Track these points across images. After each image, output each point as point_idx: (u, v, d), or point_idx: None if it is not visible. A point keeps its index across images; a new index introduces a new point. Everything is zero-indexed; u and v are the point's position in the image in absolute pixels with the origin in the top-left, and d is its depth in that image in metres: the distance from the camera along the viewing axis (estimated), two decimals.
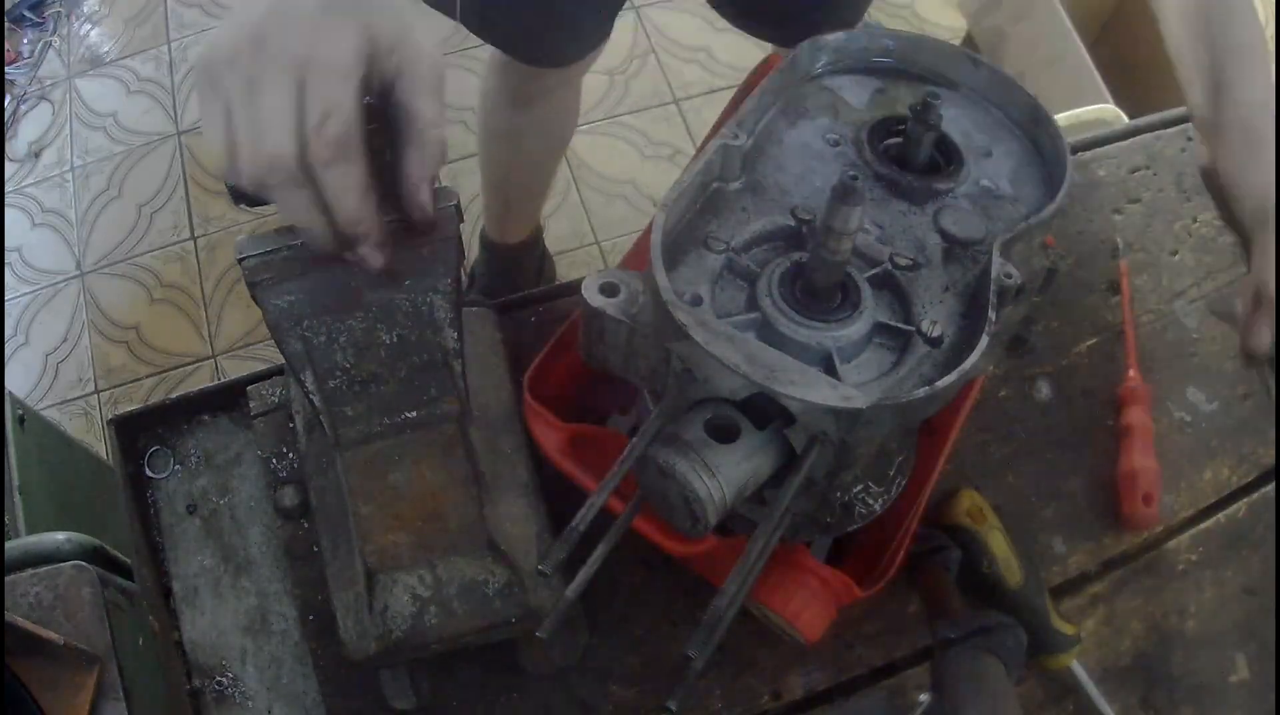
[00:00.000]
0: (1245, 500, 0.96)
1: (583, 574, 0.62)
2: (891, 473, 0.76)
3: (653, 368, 0.67)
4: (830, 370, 0.65)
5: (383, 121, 0.60)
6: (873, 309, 0.67)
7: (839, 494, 0.74)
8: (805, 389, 0.59)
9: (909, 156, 0.76)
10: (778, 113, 0.78)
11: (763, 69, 0.88)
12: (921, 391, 0.61)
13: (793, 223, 0.72)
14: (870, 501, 0.75)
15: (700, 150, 0.88)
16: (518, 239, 1.93)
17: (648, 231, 0.86)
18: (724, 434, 0.61)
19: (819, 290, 0.66)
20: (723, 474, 0.60)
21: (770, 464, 0.63)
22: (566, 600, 0.61)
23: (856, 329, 0.66)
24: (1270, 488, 0.97)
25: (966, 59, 0.80)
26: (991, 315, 0.65)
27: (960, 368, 0.62)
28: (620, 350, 0.68)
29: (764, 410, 0.62)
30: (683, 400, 0.64)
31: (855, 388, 0.61)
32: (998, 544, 0.86)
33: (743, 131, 0.73)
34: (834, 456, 0.64)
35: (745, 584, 0.60)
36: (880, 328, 0.67)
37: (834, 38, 0.80)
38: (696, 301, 0.67)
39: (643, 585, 0.88)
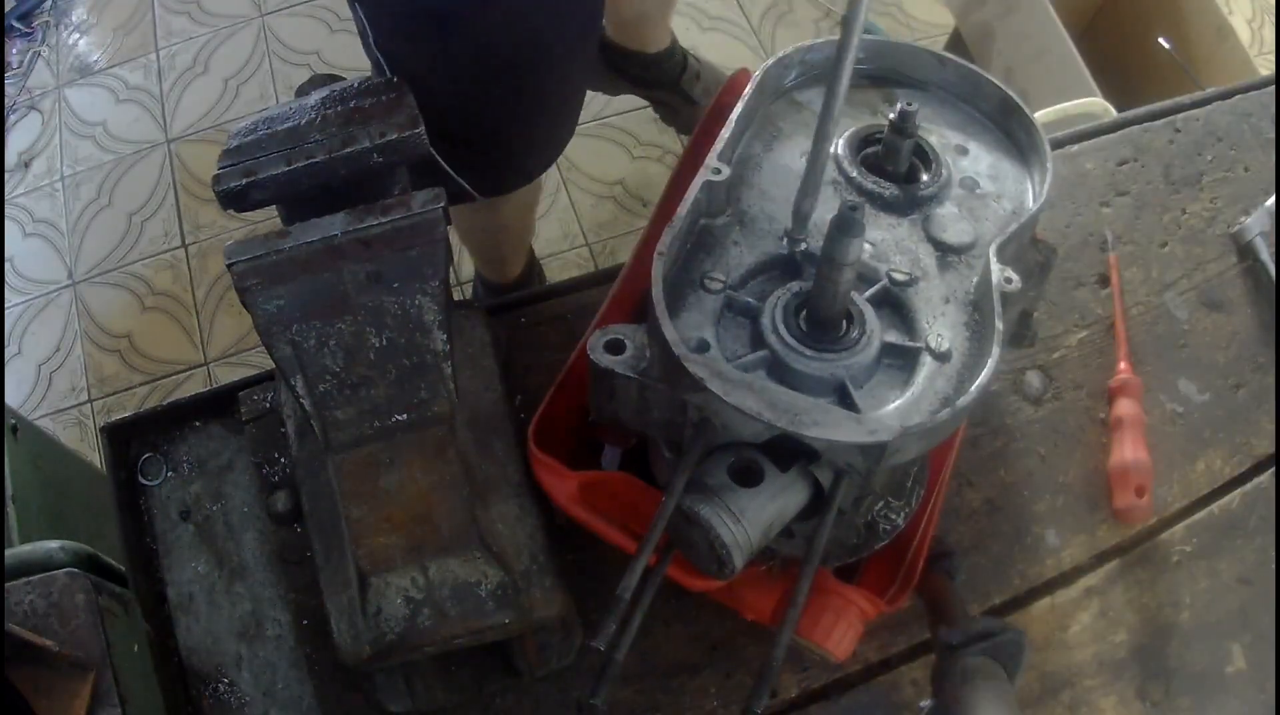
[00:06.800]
0: (1239, 490, 0.96)
1: (626, 637, 0.61)
2: (909, 484, 0.76)
3: (668, 419, 0.67)
4: (845, 398, 0.64)
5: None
6: (878, 330, 0.67)
7: (861, 516, 0.73)
8: (831, 429, 0.59)
9: (888, 166, 0.75)
10: (752, 137, 0.77)
11: (731, 86, 0.88)
12: (944, 413, 0.61)
13: (785, 250, 0.71)
14: (893, 516, 0.74)
15: (675, 179, 0.88)
16: (515, 275, 1.85)
17: (628, 277, 0.85)
18: (747, 477, 0.61)
19: (825, 320, 0.66)
20: (748, 518, 0.60)
21: (797, 502, 0.63)
22: (615, 663, 0.60)
23: (866, 354, 0.65)
24: (1263, 478, 0.97)
25: (932, 58, 0.80)
26: (999, 324, 0.64)
27: (979, 383, 0.62)
28: (632, 406, 0.68)
29: (787, 449, 0.61)
30: (703, 447, 0.64)
31: (875, 415, 0.61)
32: None
33: (722, 163, 0.72)
34: (860, 485, 0.64)
35: (792, 629, 0.60)
36: (888, 348, 0.67)
37: (798, 50, 0.80)
38: (703, 347, 0.66)
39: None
